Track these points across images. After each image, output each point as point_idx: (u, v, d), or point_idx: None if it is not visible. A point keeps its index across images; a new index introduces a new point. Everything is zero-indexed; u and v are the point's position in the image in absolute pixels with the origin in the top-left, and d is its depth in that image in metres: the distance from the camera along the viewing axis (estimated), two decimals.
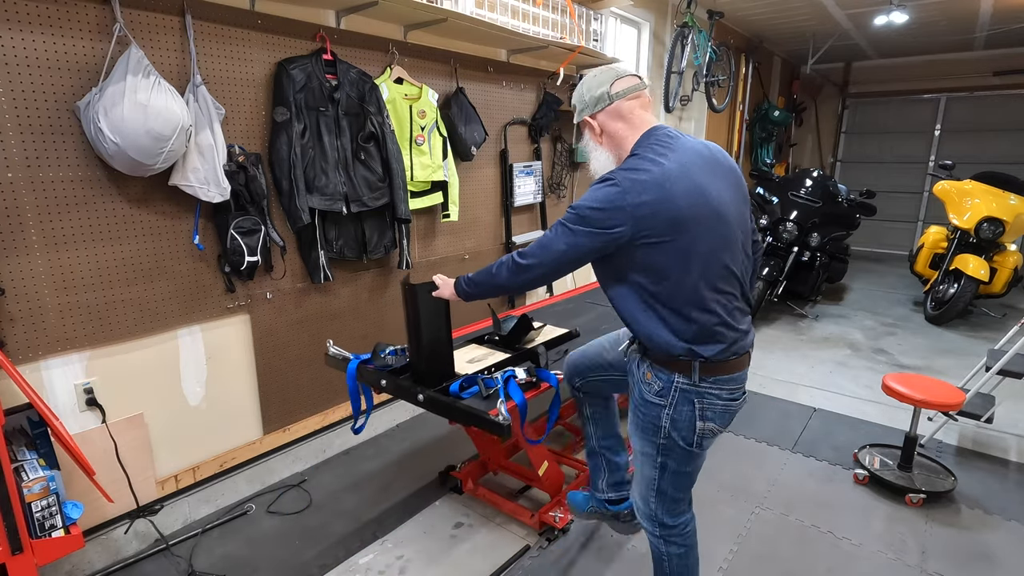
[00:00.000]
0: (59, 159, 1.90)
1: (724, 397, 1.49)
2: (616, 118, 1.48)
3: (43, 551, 1.55)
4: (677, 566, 1.70)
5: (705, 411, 1.48)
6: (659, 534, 1.68)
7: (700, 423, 1.49)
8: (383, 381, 2.00)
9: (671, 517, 1.65)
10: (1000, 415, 3.04)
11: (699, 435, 1.51)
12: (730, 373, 1.48)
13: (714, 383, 1.46)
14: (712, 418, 1.49)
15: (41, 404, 1.65)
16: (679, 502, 1.66)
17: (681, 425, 1.49)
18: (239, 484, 2.55)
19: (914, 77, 8.26)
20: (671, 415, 1.50)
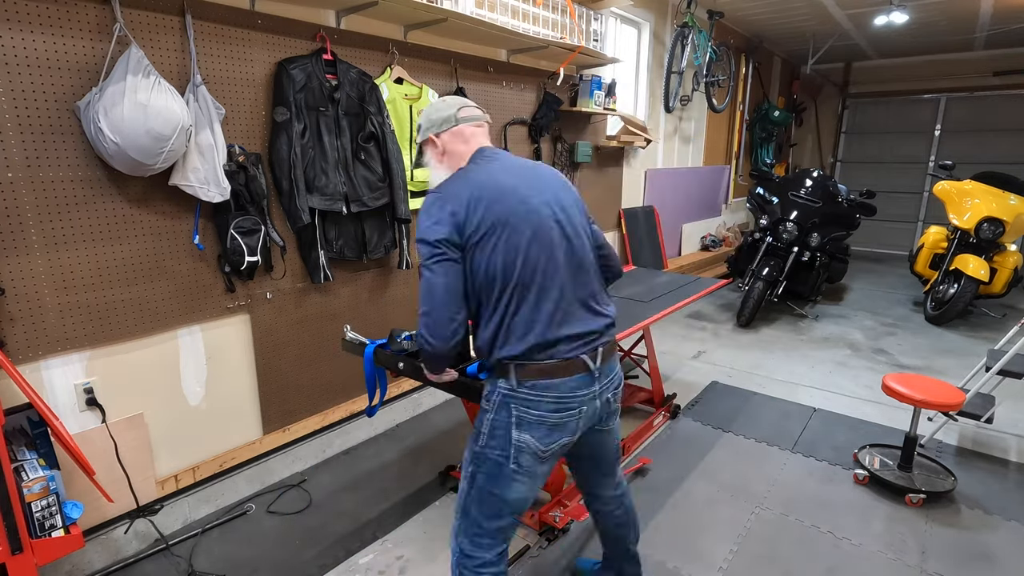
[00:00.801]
0: (59, 159, 1.90)
1: (543, 408, 1.40)
2: (459, 140, 1.55)
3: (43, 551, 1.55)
4: None
5: (521, 420, 1.40)
6: (455, 560, 1.53)
7: (515, 432, 1.40)
8: (400, 364, 2.05)
9: (471, 546, 1.50)
10: (1000, 415, 3.04)
11: (515, 447, 1.41)
12: (550, 378, 1.39)
13: (532, 389, 1.39)
14: (528, 429, 1.40)
15: (41, 404, 1.65)
16: (482, 533, 1.49)
17: (497, 432, 1.43)
18: (239, 484, 2.55)
19: (914, 77, 8.27)
20: (491, 420, 1.45)
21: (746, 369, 4.01)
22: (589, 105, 4.07)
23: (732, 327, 4.96)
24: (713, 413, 3.33)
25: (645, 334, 3.19)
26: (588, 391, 1.45)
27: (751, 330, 4.89)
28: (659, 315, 2.63)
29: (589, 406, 1.47)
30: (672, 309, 2.74)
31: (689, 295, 2.92)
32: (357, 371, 3.02)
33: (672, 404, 3.28)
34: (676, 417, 3.28)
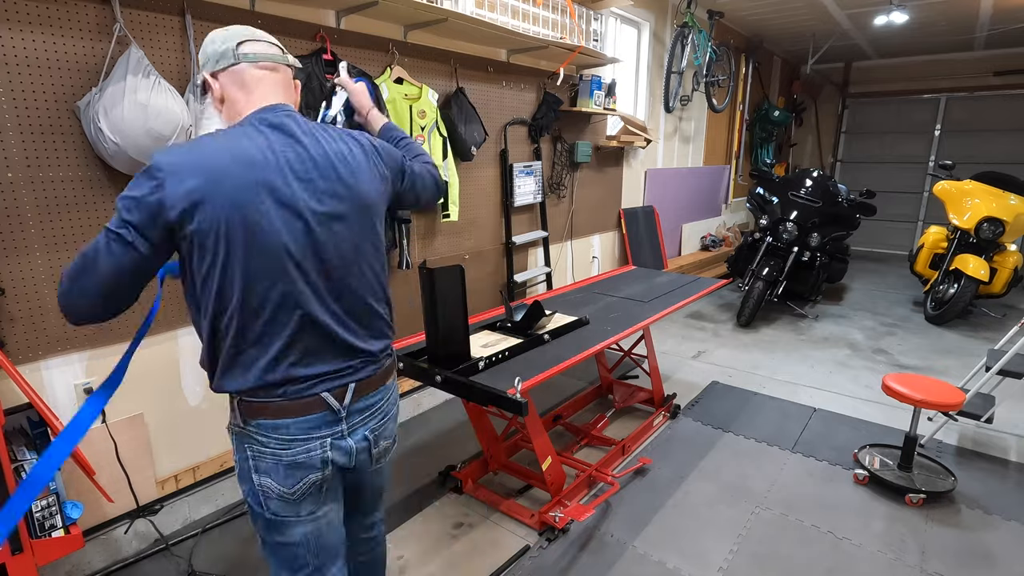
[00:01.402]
0: (59, 159, 1.90)
1: (274, 447, 1.17)
2: (238, 85, 1.18)
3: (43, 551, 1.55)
4: None
5: (257, 461, 1.19)
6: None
7: (255, 476, 1.19)
8: (400, 364, 2.06)
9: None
10: (1000, 415, 3.04)
11: (261, 492, 1.20)
12: (275, 418, 1.15)
13: (258, 428, 1.16)
14: (267, 472, 1.18)
15: (41, 404, 1.65)
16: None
17: (243, 476, 1.22)
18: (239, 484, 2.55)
19: (914, 77, 8.27)
20: (237, 460, 1.24)
21: (746, 369, 4.01)
22: (589, 105, 4.07)
23: (732, 327, 4.96)
24: (713, 413, 3.33)
25: (645, 334, 3.19)
26: (331, 431, 1.21)
27: (751, 330, 4.89)
28: (659, 315, 2.63)
29: (336, 445, 1.22)
30: (672, 309, 2.74)
31: (689, 295, 2.92)
32: None
33: (672, 404, 3.28)
34: (676, 417, 3.28)
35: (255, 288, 1.09)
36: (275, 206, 1.09)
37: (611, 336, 2.34)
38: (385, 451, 1.37)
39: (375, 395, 1.29)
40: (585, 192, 4.57)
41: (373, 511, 1.53)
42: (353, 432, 1.25)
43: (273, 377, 1.13)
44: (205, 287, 1.10)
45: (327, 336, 1.18)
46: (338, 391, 1.21)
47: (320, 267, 1.15)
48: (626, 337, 2.42)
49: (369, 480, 1.42)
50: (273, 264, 1.09)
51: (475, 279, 3.65)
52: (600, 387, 3.51)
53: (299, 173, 1.12)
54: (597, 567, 2.12)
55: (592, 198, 4.70)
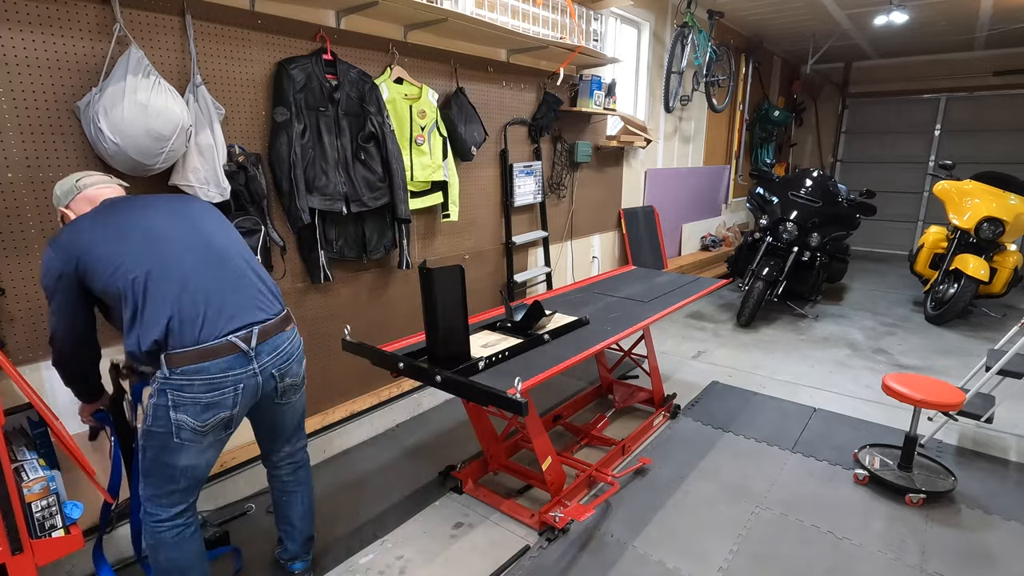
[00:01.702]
0: (59, 159, 1.90)
1: (194, 390, 1.56)
2: (85, 203, 1.66)
3: (43, 551, 1.55)
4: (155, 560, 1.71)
5: (176, 403, 1.56)
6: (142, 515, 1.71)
7: (173, 413, 1.56)
8: (400, 364, 2.06)
9: (152, 506, 1.68)
10: (1000, 415, 3.04)
11: (175, 425, 1.57)
12: (199, 362, 1.55)
13: (182, 375, 1.54)
14: (183, 411, 1.56)
15: (41, 404, 1.65)
16: (159, 495, 1.67)
17: (159, 414, 1.57)
18: (239, 484, 2.55)
19: (914, 77, 8.27)
20: (153, 404, 1.58)
21: (746, 369, 4.01)
22: (589, 105, 4.07)
23: (732, 327, 4.96)
24: (713, 413, 3.33)
25: (645, 334, 3.19)
26: (242, 370, 1.60)
27: (751, 330, 4.89)
28: (659, 315, 2.63)
29: (247, 383, 1.62)
30: (672, 309, 2.74)
31: (689, 295, 2.92)
32: (357, 371, 3.02)
33: (672, 404, 3.28)
34: (676, 417, 3.28)
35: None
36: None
37: (611, 336, 2.34)
38: (294, 386, 1.79)
39: (277, 337, 1.69)
40: (585, 192, 4.57)
41: (293, 437, 1.95)
42: (263, 370, 1.66)
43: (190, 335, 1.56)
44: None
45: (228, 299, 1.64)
46: (244, 336, 1.60)
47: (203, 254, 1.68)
48: (626, 337, 2.42)
49: (289, 412, 1.85)
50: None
51: (475, 279, 3.65)
52: (600, 387, 3.51)
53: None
54: (597, 567, 2.12)
55: (592, 198, 4.70)
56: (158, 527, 1.67)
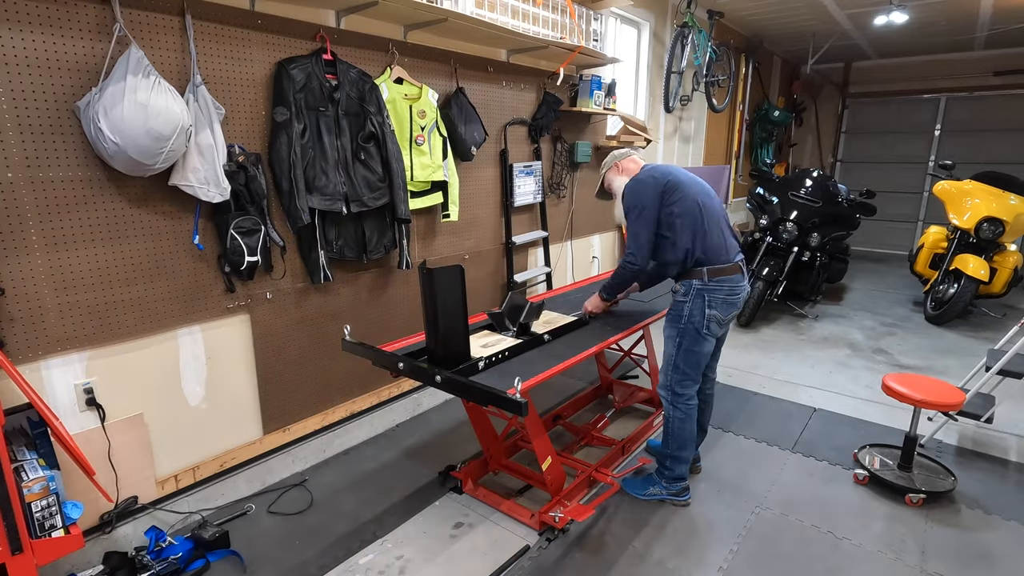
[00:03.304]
0: (59, 159, 1.90)
1: (724, 292, 2.27)
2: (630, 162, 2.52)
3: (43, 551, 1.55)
4: (676, 428, 2.38)
5: (712, 301, 2.26)
6: (670, 400, 2.38)
7: (708, 310, 2.25)
8: (400, 364, 2.07)
9: (680, 387, 2.35)
10: (1000, 415, 3.04)
11: (707, 318, 2.25)
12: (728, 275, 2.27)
13: (718, 282, 2.26)
14: (716, 307, 2.26)
15: (41, 404, 1.65)
16: (686, 378, 2.34)
17: (695, 312, 2.27)
18: (239, 484, 2.55)
19: (914, 77, 8.27)
20: (690, 306, 2.28)
21: (746, 369, 4.01)
22: (589, 105, 4.07)
23: (732, 327, 4.96)
24: (713, 413, 3.32)
25: (645, 334, 3.19)
26: (743, 283, 2.33)
27: (751, 330, 4.89)
28: (659, 315, 2.63)
29: (744, 292, 2.34)
30: None
31: None
32: (357, 371, 3.02)
33: None
34: None
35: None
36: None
37: (611, 336, 2.34)
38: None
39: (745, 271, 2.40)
40: (585, 192, 4.57)
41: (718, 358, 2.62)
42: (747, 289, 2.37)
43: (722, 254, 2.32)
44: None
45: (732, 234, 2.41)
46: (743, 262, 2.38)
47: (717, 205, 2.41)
48: (626, 337, 2.43)
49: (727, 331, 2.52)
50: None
51: (475, 279, 3.65)
52: (600, 387, 3.51)
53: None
54: (597, 567, 2.12)
55: (592, 198, 4.69)
56: (689, 404, 2.36)
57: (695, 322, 2.25)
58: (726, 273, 2.26)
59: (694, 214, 2.24)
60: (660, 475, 2.48)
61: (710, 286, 2.24)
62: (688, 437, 2.38)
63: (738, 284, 2.30)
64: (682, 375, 2.33)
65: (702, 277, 2.24)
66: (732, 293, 2.27)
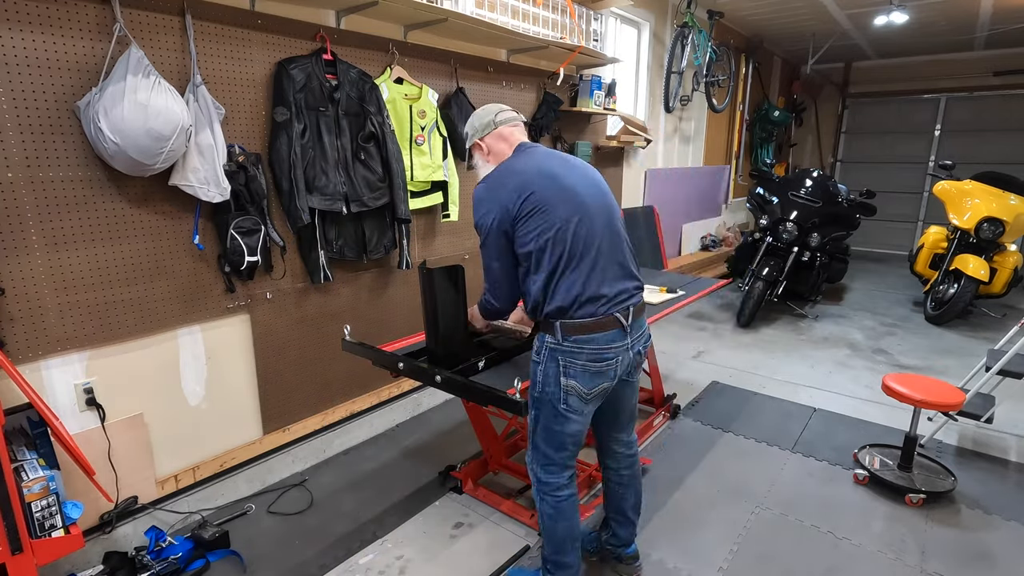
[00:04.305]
0: (59, 159, 1.90)
1: (584, 358, 1.65)
2: (499, 140, 1.78)
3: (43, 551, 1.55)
4: (547, 526, 1.83)
5: (567, 368, 1.66)
6: (535, 487, 1.83)
7: (563, 379, 1.67)
8: (400, 364, 2.06)
9: (544, 474, 1.80)
10: (1000, 415, 3.04)
11: (563, 391, 1.68)
12: (590, 333, 1.65)
13: (574, 343, 1.65)
14: (574, 376, 1.66)
15: (41, 404, 1.65)
16: (551, 462, 1.78)
17: (550, 380, 1.69)
18: (239, 484, 2.55)
19: (914, 77, 8.27)
20: (543, 370, 1.70)
21: (746, 369, 4.01)
22: (589, 105, 4.07)
23: (732, 327, 4.96)
24: (713, 413, 3.33)
25: None
26: (621, 343, 1.69)
27: (751, 330, 4.89)
28: (659, 315, 2.63)
29: (623, 357, 1.71)
30: (672, 309, 2.74)
31: (689, 295, 2.92)
32: (357, 371, 3.02)
33: (672, 404, 3.28)
34: (676, 417, 3.28)
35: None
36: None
37: None
38: (641, 365, 1.86)
39: (642, 317, 1.78)
40: None
41: (630, 424, 1.97)
42: (633, 346, 1.73)
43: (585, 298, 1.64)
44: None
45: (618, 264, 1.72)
46: (623, 312, 1.68)
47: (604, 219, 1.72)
48: None
49: (632, 393, 1.88)
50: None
51: (475, 279, 3.64)
52: None
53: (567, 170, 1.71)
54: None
55: None
56: (559, 495, 1.79)
57: (549, 393, 1.69)
58: (587, 331, 1.63)
59: (558, 241, 1.60)
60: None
61: (563, 347, 1.64)
62: (564, 537, 1.81)
63: (608, 347, 1.66)
64: (544, 458, 1.77)
65: (555, 333, 1.65)
66: (597, 359, 1.65)
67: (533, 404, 1.75)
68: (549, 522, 1.81)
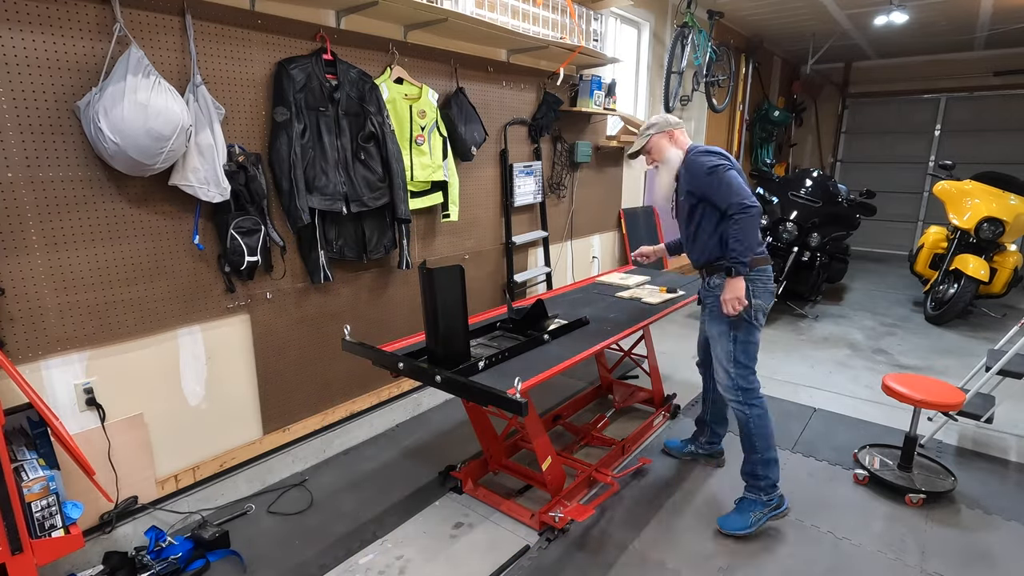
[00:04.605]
0: (59, 159, 1.90)
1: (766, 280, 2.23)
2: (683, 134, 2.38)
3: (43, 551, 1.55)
4: (758, 426, 2.25)
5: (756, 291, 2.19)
6: (741, 399, 2.26)
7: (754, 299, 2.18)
8: (400, 364, 2.06)
9: (747, 382, 2.25)
10: (1000, 415, 3.04)
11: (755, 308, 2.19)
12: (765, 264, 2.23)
13: (759, 273, 2.20)
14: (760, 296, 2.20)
15: (41, 404, 1.65)
16: (749, 371, 2.26)
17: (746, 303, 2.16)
18: (239, 484, 2.55)
19: (914, 77, 8.27)
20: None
21: None
22: (589, 105, 4.07)
23: None
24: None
25: (645, 334, 3.19)
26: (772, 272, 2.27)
27: None
28: (659, 315, 2.63)
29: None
30: (672, 309, 2.74)
31: (689, 295, 2.92)
32: (357, 371, 3.02)
33: (672, 404, 3.28)
34: (676, 417, 3.28)
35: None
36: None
37: (611, 336, 2.34)
38: None
39: None
40: (585, 192, 4.57)
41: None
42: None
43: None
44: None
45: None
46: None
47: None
48: (626, 337, 2.42)
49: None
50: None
51: (475, 279, 3.65)
52: (600, 387, 3.51)
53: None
54: (597, 567, 2.12)
55: (592, 198, 4.70)
56: (761, 398, 2.27)
57: (745, 313, 2.17)
58: (765, 262, 2.22)
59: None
60: (755, 491, 2.29)
61: (752, 276, 2.16)
62: (771, 432, 2.27)
63: (771, 273, 2.28)
64: (745, 369, 2.25)
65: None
66: (771, 281, 2.26)
67: (729, 328, 2.22)
68: (760, 422, 2.24)
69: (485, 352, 2.16)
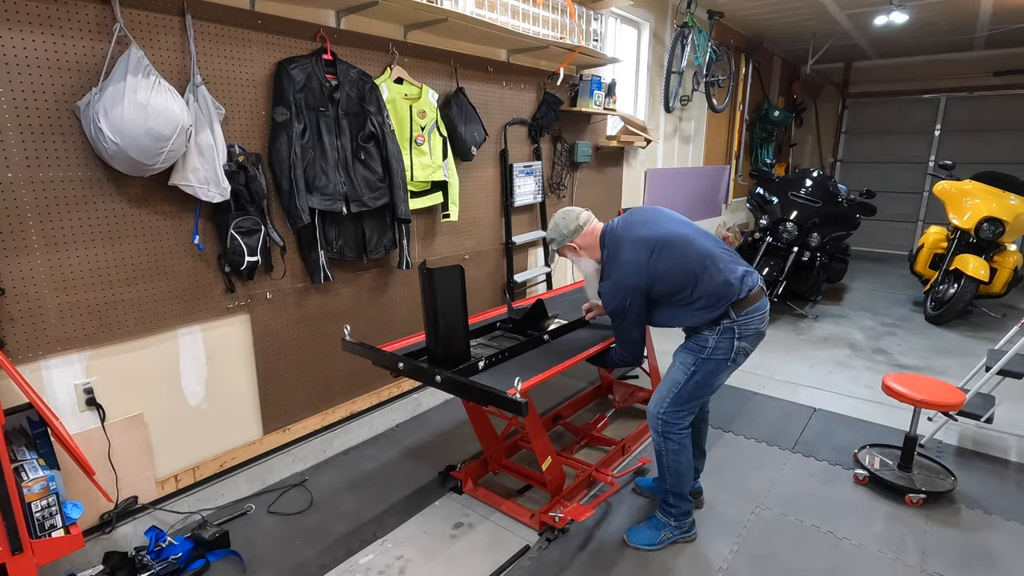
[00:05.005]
0: (59, 159, 1.90)
1: (754, 324, 2.07)
2: (586, 237, 2.17)
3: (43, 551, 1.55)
4: (672, 460, 2.15)
5: (742, 334, 2.05)
6: (660, 430, 2.14)
7: (737, 342, 2.05)
8: (400, 364, 2.06)
9: (675, 417, 2.12)
10: (1000, 415, 3.04)
11: (735, 350, 2.06)
12: (755, 303, 2.06)
13: (746, 315, 2.04)
14: (745, 339, 2.07)
15: (41, 404, 1.65)
16: (684, 410, 2.12)
17: (722, 345, 2.04)
18: (239, 484, 2.55)
19: (914, 77, 8.27)
20: (717, 339, 2.04)
21: (746, 369, 4.01)
22: (589, 105, 4.07)
23: None
24: (713, 413, 3.31)
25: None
26: (767, 309, 2.11)
27: None
28: None
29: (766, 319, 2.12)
30: None
31: None
32: (357, 371, 3.02)
33: None
34: None
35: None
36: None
37: (611, 336, 2.34)
38: None
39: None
40: (585, 192, 4.57)
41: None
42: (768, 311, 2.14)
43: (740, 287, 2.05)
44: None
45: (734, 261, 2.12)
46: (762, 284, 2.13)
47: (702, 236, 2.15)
48: None
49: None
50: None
51: (475, 279, 3.65)
52: (600, 387, 3.51)
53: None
54: (597, 567, 2.12)
55: (592, 198, 4.70)
56: (682, 433, 2.13)
57: (720, 353, 2.04)
58: (758, 298, 2.07)
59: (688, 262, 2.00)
60: (667, 514, 2.24)
61: (741, 318, 2.03)
62: (685, 468, 2.15)
63: (765, 309, 2.10)
64: (681, 408, 2.11)
65: (730, 316, 2.02)
66: (763, 322, 2.10)
67: (693, 364, 2.08)
68: (675, 457, 2.14)
69: (485, 352, 2.16)
